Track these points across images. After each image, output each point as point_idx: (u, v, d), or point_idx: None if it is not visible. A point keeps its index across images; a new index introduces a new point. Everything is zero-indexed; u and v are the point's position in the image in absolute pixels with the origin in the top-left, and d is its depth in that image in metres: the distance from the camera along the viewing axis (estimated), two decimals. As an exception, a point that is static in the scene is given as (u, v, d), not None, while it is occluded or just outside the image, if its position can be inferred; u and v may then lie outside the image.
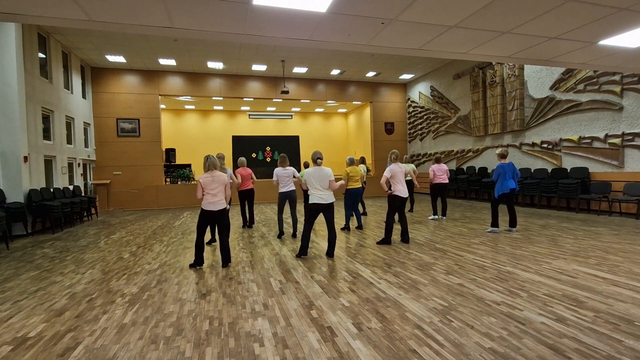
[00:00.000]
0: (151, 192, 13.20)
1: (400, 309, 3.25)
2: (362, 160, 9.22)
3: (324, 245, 6.00)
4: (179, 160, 16.41)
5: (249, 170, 7.77)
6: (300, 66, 13.53)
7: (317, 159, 5.27)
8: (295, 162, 17.28)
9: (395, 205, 5.94)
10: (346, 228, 7.36)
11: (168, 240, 6.86)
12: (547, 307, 3.18)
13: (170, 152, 15.37)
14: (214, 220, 4.88)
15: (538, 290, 3.63)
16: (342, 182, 5.95)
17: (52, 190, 8.97)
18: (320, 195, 5.13)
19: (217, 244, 6.28)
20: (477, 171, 12.50)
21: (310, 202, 5.17)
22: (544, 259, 4.76)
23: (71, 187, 10.29)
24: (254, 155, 17.98)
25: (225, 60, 12.65)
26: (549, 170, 9.82)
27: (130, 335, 2.88)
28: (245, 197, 7.92)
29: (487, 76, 11.83)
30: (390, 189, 5.99)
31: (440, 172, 8.35)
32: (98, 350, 2.65)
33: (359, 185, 7.12)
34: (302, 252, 5.27)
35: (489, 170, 12.05)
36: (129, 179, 13.06)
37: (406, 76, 15.57)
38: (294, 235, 6.91)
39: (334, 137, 21.10)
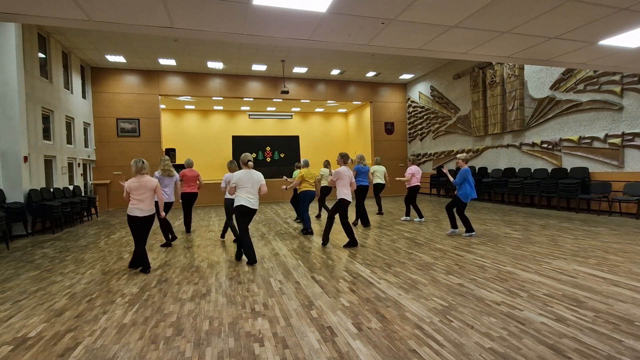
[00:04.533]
0: (151, 192, 13.17)
1: (400, 309, 3.25)
2: (326, 164, 8.64)
3: (319, 242, 6.00)
4: (179, 160, 16.38)
5: (196, 173, 7.26)
6: (300, 66, 13.53)
7: (247, 161, 5.04)
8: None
9: (340, 208, 5.79)
10: (309, 232, 7.08)
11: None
12: (547, 307, 3.18)
13: (170, 152, 15.36)
14: (141, 226, 4.65)
15: (538, 290, 3.63)
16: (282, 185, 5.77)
17: (52, 190, 8.97)
18: (248, 197, 4.92)
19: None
20: (477, 171, 12.51)
21: (238, 203, 4.91)
22: (544, 259, 4.76)
23: (71, 187, 10.29)
24: (254, 155, 17.97)
25: (225, 60, 12.65)
26: (549, 170, 9.82)
27: (130, 335, 2.88)
28: (186, 201, 7.29)
29: (487, 76, 11.83)
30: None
31: (419, 175, 8.17)
32: (98, 350, 2.65)
33: (313, 188, 7.03)
34: (252, 260, 4.97)
35: (489, 170, 12.07)
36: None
37: (406, 76, 15.57)
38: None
39: (334, 137, 21.09)
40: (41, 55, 9.40)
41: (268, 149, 18.44)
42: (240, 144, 17.61)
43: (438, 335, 2.73)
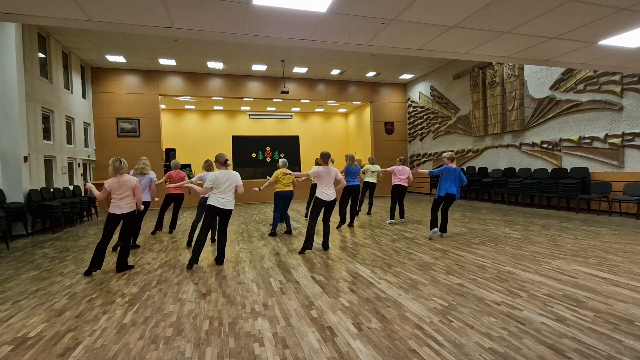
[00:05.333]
0: (151, 192, 13.18)
1: (400, 309, 3.25)
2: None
3: (319, 241, 5.99)
4: (179, 160, 16.38)
5: (182, 174, 7.30)
6: (300, 66, 13.53)
7: (225, 161, 4.95)
8: (296, 162, 17.30)
9: (318, 207, 5.60)
10: (273, 234, 7.02)
11: (168, 240, 6.86)
12: (547, 307, 3.18)
13: (170, 152, 15.36)
14: (120, 224, 4.76)
15: (538, 290, 3.63)
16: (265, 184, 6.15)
17: (52, 190, 8.97)
18: (219, 198, 4.80)
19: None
20: (477, 171, 12.51)
21: (207, 203, 4.85)
22: (544, 259, 4.76)
23: (71, 187, 10.28)
24: (254, 155, 17.97)
25: (225, 60, 12.65)
26: (549, 170, 9.83)
27: (130, 335, 2.88)
28: (172, 201, 7.34)
29: (487, 76, 11.84)
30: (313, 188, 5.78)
31: (401, 175, 8.01)
32: (98, 350, 2.65)
33: (289, 188, 6.97)
34: (193, 261, 4.82)
35: (489, 170, 12.07)
36: (129, 179, 13.03)
37: (406, 76, 15.57)
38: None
39: (334, 137, 21.10)
40: (41, 55, 9.40)
41: (268, 149, 18.43)
42: (240, 144, 17.61)
43: (438, 335, 2.73)
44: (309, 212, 5.71)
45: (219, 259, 5.02)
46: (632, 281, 3.81)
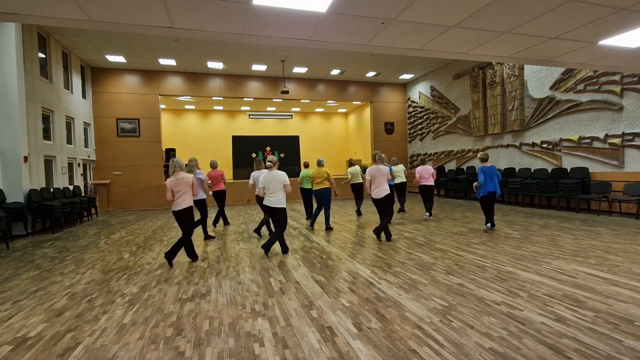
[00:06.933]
0: (151, 192, 13.19)
1: (400, 309, 3.25)
2: (351, 163, 9.19)
3: (323, 243, 6.01)
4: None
5: (220, 172, 7.94)
6: (300, 66, 13.53)
7: (267, 162, 5.48)
8: (296, 163, 17.30)
9: (376, 206, 6.24)
10: (328, 228, 7.52)
11: (168, 240, 6.86)
12: (547, 307, 3.18)
13: (170, 152, 15.36)
14: (178, 220, 5.06)
15: (538, 290, 3.63)
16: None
17: (52, 190, 8.97)
18: (269, 196, 5.34)
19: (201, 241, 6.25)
20: (477, 171, 12.49)
21: (263, 203, 5.47)
22: (544, 259, 4.76)
23: (71, 187, 10.28)
24: (254, 155, 17.96)
25: (225, 60, 12.65)
26: (549, 170, 9.82)
27: (130, 335, 2.88)
28: (216, 198, 7.98)
29: (487, 76, 11.83)
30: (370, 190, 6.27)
31: (426, 174, 8.32)
32: (98, 350, 2.65)
33: (324, 186, 7.40)
34: (266, 250, 5.47)
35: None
36: (129, 179, 13.06)
37: (406, 76, 15.57)
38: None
39: (334, 137, 21.09)
40: (41, 55, 9.40)
41: (268, 149, 18.42)
42: (240, 144, 17.61)
43: (438, 335, 2.73)
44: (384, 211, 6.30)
45: (283, 250, 5.53)
46: (632, 281, 3.81)
